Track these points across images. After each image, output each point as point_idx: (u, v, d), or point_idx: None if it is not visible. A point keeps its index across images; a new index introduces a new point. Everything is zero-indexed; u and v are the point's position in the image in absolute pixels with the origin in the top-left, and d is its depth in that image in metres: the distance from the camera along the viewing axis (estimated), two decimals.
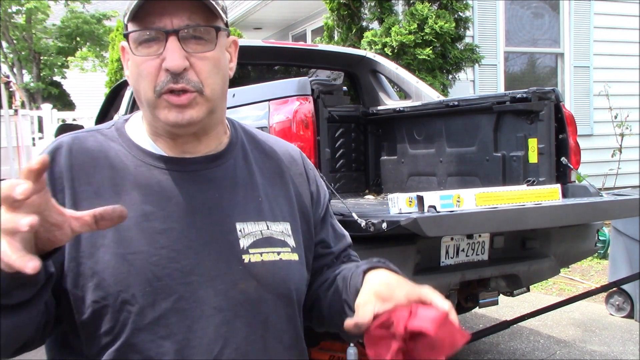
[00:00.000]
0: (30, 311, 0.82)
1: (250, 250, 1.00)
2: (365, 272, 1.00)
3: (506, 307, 4.35)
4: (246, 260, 0.99)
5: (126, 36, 0.97)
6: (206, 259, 0.97)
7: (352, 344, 2.81)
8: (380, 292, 0.92)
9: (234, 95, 2.97)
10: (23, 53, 16.18)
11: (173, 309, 0.93)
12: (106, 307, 0.92)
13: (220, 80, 1.00)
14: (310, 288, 1.13)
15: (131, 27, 0.96)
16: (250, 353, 0.98)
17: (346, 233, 1.24)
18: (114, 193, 0.97)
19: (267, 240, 1.02)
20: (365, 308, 0.90)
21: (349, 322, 0.90)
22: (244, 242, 1.00)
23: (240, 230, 1.00)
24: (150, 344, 0.92)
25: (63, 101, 15.97)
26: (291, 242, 1.06)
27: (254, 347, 0.98)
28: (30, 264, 0.67)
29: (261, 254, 1.01)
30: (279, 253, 1.03)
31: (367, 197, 3.87)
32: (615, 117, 7.41)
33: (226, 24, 1.02)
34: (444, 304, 0.86)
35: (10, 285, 0.75)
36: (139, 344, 0.92)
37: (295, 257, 1.05)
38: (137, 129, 1.05)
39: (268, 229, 1.03)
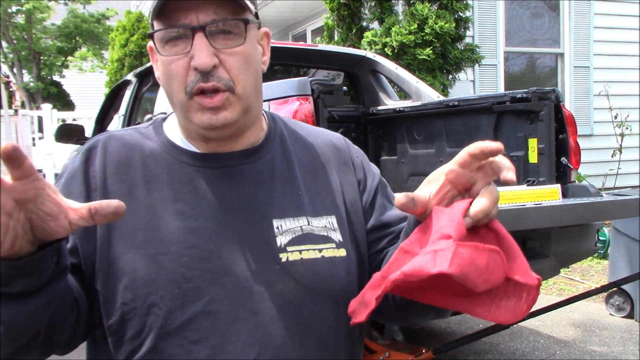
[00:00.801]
0: (37, 302, 0.78)
1: (288, 248, 0.93)
2: None
3: None
4: (283, 259, 0.93)
5: (151, 36, 0.93)
6: (240, 258, 0.91)
7: None
8: (428, 178, 0.83)
9: None
10: (23, 53, 16.18)
11: (204, 312, 0.88)
12: (134, 309, 0.88)
13: (252, 76, 0.95)
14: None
15: (156, 25, 0.92)
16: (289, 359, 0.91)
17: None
18: (147, 192, 0.94)
19: (307, 237, 0.95)
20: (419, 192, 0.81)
21: (399, 197, 0.79)
22: (281, 240, 0.94)
23: (277, 227, 0.94)
24: (179, 349, 0.88)
25: (63, 101, 15.96)
26: (337, 236, 0.98)
27: (294, 353, 0.91)
28: None
29: (300, 251, 0.94)
30: (320, 250, 0.95)
31: None
32: (615, 117, 7.41)
33: (256, 15, 0.97)
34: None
35: (10, 272, 0.73)
36: (167, 349, 0.88)
37: (341, 252, 0.97)
38: (175, 127, 1.02)
39: (309, 224, 0.97)
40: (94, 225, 0.91)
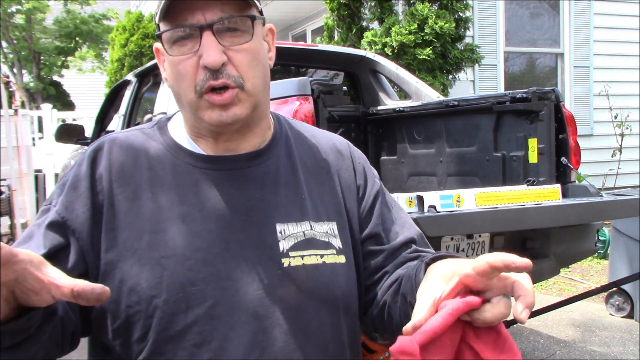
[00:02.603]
0: (30, 347, 0.79)
1: (291, 254, 0.94)
2: (427, 264, 0.87)
3: None
4: (285, 264, 0.93)
5: (159, 36, 0.94)
6: (243, 263, 0.91)
7: None
8: (443, 273, 0.78)
9: None
10: (23, 53, 16.18)
11: (207, 316, 0.88)
12: (139, 312, 0.88)
13: (261, 72, 0.95)
14: (371, 292, 1.03)
15: (163, 26, 0.93)
16: None
17: (409, 226, 1.09)
18: (152, 194, 0.94)
19: (309, 242, 0.96)
20: (424, 299, 0.75)
21: (406, 329, 0.73)
22: (283, 245, 0.94)
23: (280, 232, 0.95)
24: (182, 352, 0.88)
25: (62, 101, 15.95)
26: (337, 243, 0.99)
27: (294, 358, 0.91)
28: None
29: (302, 257, 0.94)
30: (322, 256, 0.96)
31: None
32: (615, 117, 7.41)
33: (260, 12, 0.97)
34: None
35: None
36: (169, 352, 0.88)
37: (341, 259, 0.98)
38: (179, 127, 1.02)
39: (311, 229, 0.97)
40: (98, 230, 0.91)
